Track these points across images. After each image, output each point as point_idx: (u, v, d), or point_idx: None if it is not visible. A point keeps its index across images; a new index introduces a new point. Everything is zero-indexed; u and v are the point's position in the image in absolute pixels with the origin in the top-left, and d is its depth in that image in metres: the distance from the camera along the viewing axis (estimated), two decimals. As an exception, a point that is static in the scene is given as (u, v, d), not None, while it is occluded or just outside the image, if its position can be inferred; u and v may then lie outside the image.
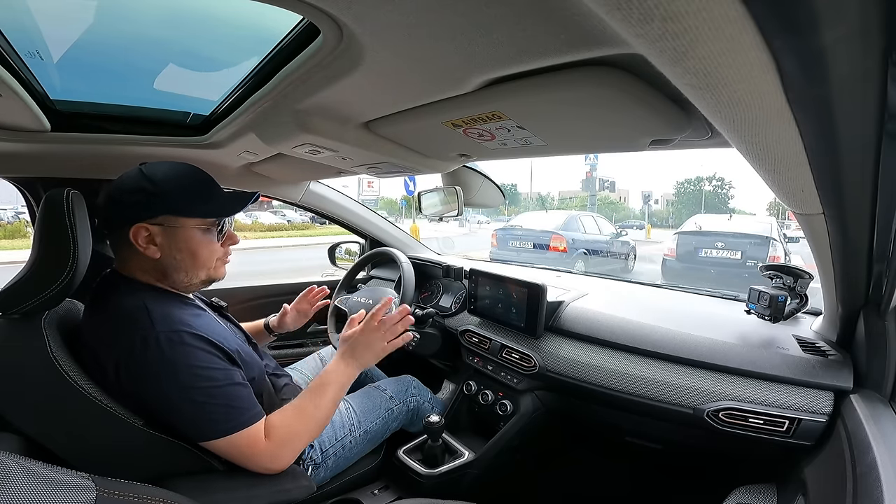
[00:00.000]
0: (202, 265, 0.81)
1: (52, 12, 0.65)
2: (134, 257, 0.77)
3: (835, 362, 0.80)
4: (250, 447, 0.74)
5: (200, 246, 0.80)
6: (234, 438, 0.72)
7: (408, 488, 1.10)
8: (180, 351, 0.70)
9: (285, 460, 0.78)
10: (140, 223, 0.74)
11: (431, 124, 0.76)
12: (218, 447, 0.73)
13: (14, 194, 1.26)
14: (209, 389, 0.71)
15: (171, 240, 0.77)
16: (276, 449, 0.76)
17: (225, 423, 0.72)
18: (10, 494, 0.37)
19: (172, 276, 0.79)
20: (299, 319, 1.23)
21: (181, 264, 0.79)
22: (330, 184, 1.71)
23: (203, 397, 0.70)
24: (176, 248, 0.77)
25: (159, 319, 0.71)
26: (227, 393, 0.73)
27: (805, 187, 0.51)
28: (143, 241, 0.75)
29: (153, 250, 0.76)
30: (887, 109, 0.35)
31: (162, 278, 0.80)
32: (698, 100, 0.37)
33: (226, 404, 0.72)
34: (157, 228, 0.76)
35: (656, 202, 40.93)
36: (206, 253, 0.81)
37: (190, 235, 0.78)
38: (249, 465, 0.75)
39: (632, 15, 0.26)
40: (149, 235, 0.75)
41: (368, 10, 0.43)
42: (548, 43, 0.46)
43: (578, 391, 1.04)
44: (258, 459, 0.75)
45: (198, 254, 0.80)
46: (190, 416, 0.71)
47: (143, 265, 0.78)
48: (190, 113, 0.99)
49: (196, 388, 0.70)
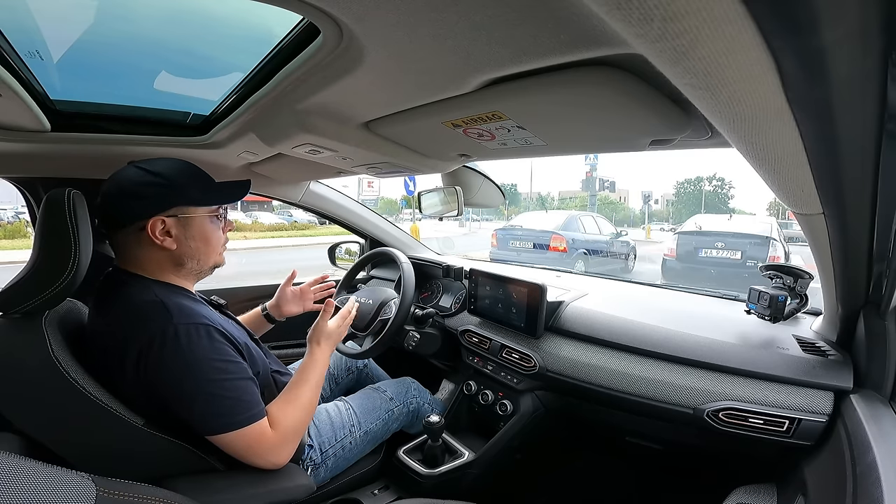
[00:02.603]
0: (213, 251, 0.86)
1: (52, 12, 0.65)
2: (145, 251, 0.78)
3: (835, 362, 0.80)
4: (259, 441, 0.74)
5: (211, 232, 0.84)
6: (243, 433, 0.72)
7: (408, 488, 1.10)
8: (200, 343, 0.72)
9: (288, 453, 0.79)
10: (156, 216, 0.76)
11: (431, 124, 0.76)
12: (226, 441, 0.73)
13: (14, 194, 1.26)
14: (224, 382, 0.72)
15: (185, 229, 0.80)
16: (280, 442, 0.77)
17: (236, 416, 0.72)
18: (10, 494, 0.37)
19: (187, 264, 0.82)
20: (296, 301, 1.23)
21: (195, 252, 0.82)
22: (330, 184, 1.71)
23: (218, 390, 0.71)
24: (191, 236, 0.81)
25: (176, 312, 0.73)
26: (239, 386, 0.74)
27: (805, 187, 0.51)
28: (159, 233, 0.77)
29: (170, 241, 0.78)
30: (887, 109, 0.35)
31: (175, 269, 0.82)
32: (698, 100, 0.37)
33: (237, 398, 0.73)
34: (172, 220, 0.78)
35: (656, 202, 40.94)
36: (216, 238, 0.86)
37: (202, 223, 0.82)
38: (255, 459, 0.76)
39: (632, 15, 0.26)
40: (164, 227, 0.78)
41: (368, 10, 0.43)
42: (548, 43, 0.46)
43: (578, 391, 1.04)
44: (265, 454, 0.76)
45: (210, 240, 0.84)
46: (203, 409, 0.71)
47: (156, 258, 0.79)
48: (190, 113, 0.99)
49: (212, 381, 0.71)
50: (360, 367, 1.39)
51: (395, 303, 1.29)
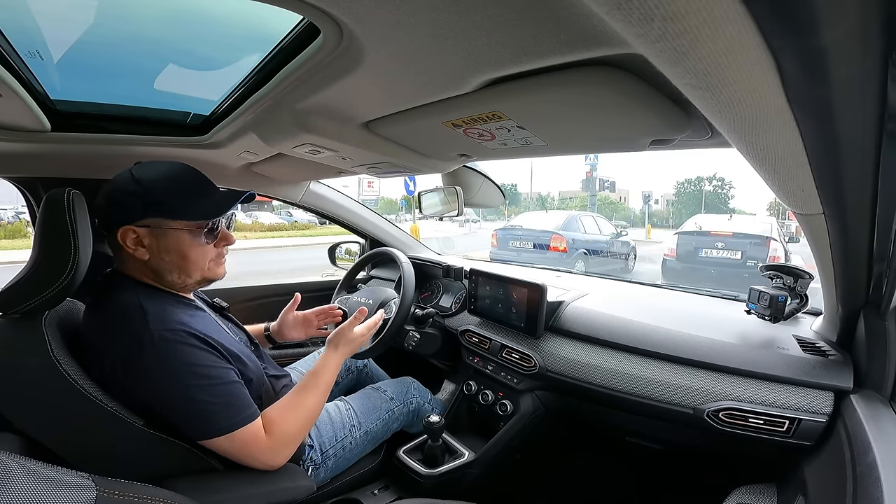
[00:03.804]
0: (193, 267, 0.80)
1: (52, 12, 0.65)
2: (128, 258, 0.77)
3: (835, 362, 0.80)
4: (251, 444, 0.74)
5: (190, 248, 0.78)
6: (235, 436, 0.72)
7: (408, 488, 1.10)
8: (177, 349, 0.70)
9: (285, 455, 0.78)
10: (127, 226, 0.74)
11: (431, 124, 0.76)
12: (219, 445, 0.73)
13: (14, 194, 1.26)
14: (207, 388, 0.71)
15: (158, 242, 0.76)
16: (276, 445, 0.76)
17: (225, 421, 0.72)
18: (10, 494, 0.37)
19: (165, 277, 0.79)
20: (298, 328, 1.19)
21: (171, 266, 0.78)
22: (330, 184, 1.71)
23: (203, 395, 0.71)
24: (164, 249, 0.77)
25: (155, 318, 0.71)
26: (227, 391, 0.73)
27: (805, 187, 0.51)
28: (131, 243, 0.75)
29: (142, 252, 0.76)
30: (887, 109, 0.35)
31: (156, 279, 0.80)
32: (698, 100, 0.37)
33: (225, 402, 0.72)
34: (145, 230, 0.75)
35: (656, 202, 40.90)
36: (196, 255, 0.79)
37: (178, 237, 0.77)
38: (250, 461, 0.75)
39: (632, 15, 0.26)
40: (136, 237, 0.75)
41: (369, 10, 0.43)
42: (548, 43, 0.46)
43: (578, 391, 1.04)
44: (259, 456, 0.75)
45: (187, 256, 0.78)
46: (190, 414, 0.71)
47: (137, 266, 0.78)
48: (190, 113, 0.99)
49: (195, 387, 0.70)
50: (360, 367, 1.39)
51: (395, 303, 1.29)
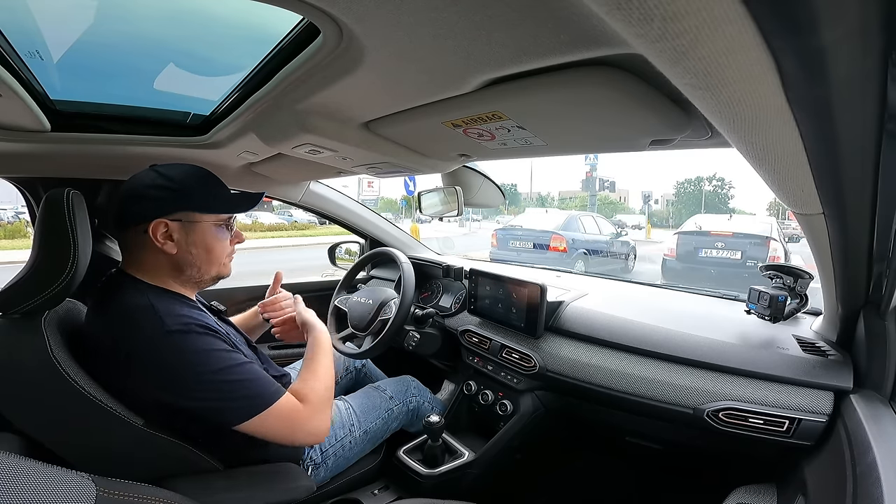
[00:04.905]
0: (215, 260, 0.84)
1: (52, 12, 0.65)
2: (148, 255, 0.78)
3: (835, 362, 0.80)
4: (294, 415, 0.75)
5: (215, 241, 0.83)
6: (274, 410, 0.73)
7: (408, 488, 1.10)
8: (194, 339, 0.71)
9: (326, 419, 0.80)
10: (160, 219, 0.76)
11: (431, 124, 0.76)
12: (259, 425, 0.72)
13: (14, 194, 1.26)
14: (233, 369, 0.72)
15: (188, 235, 0.79)
16: (315, 411, 0.78)
17: (260, 397, 0.72)
18: (10, 494, 0.37)
19: (186, 271, 0.81)
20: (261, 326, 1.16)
21: (196, 259, 0.81)
22: (330, 184, 1.71)
23: (231, 376, 0.71)
24: (192, 243, 0.80)
25: (166, 314, 0.72)
26: (253, 369, 0.74)
27: (805, 187, 0.51)
28: (161, 236, 0.77)
29: (170, 246, 0.78)
30: (887, 109, 0.35)
31: (175, 275, 0.81)
32: (698, 100, 0.37)
33: (256, 378, 0.74)
34: (176, 224, 0.78)
35: (656, 202, 40.91)
36: (220, 248, 0.84)
37: (206, 231, 0.81)
38: (298, 434, 0.76)
39: (632, 15, 0.26)
40: (167, 231, 0.77)
41: (369, 10, 0.43)
42: (548, 43, 0.46)
43: (578, 391, 1.04)
44: (305, 424, 0.76)
45: (212, 249, 0.83)
46: (224, 400, 0.71)
47: (157, 262, 0.79)
48: (190, 113, 0.99)
49: (221, 370, 0.71)
50: (359, 367, 1.39)
51: (395, 303, 1.29)
